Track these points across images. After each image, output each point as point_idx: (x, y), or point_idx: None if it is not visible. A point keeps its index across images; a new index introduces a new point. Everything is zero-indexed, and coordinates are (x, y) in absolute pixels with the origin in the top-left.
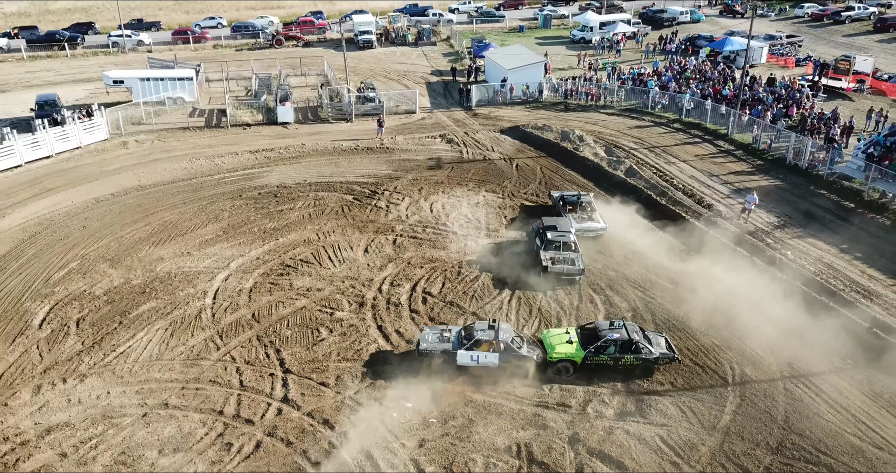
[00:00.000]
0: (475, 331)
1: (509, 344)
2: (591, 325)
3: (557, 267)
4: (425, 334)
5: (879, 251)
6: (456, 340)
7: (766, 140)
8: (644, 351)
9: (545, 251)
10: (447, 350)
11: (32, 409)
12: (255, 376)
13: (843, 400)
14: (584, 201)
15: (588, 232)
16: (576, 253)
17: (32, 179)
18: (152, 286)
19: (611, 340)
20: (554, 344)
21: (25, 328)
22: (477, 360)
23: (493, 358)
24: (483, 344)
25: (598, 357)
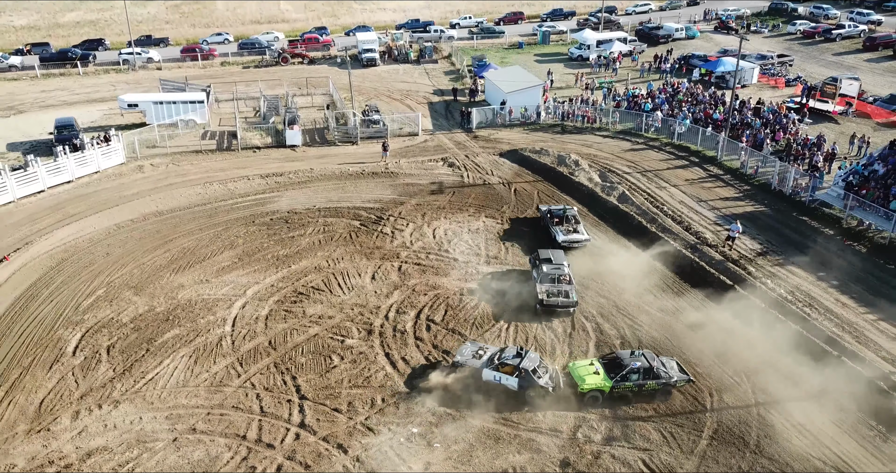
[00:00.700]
0: (504, 355)
1: (530, 372)
2: (612, 355)
3: (552, 300)
4: (463, 348)
5: (854, 278)
6: (487, 360)
7: (753, 165)
8: (664, 377)
9: (541, 284)
10: (476, 366)
11: (73, 434)
12: (273, 402)
13: (811, 426)
14: (569, 214)
15: (574, 242)
16: (570, 286)
17: (55, 204)
18: (175, 313)
19: (634, 368)
20: (583, 376)
21: (60, 355)
22: (499, 380)
23: (513, 381)
24: (507, 367)
25: (624, 384)
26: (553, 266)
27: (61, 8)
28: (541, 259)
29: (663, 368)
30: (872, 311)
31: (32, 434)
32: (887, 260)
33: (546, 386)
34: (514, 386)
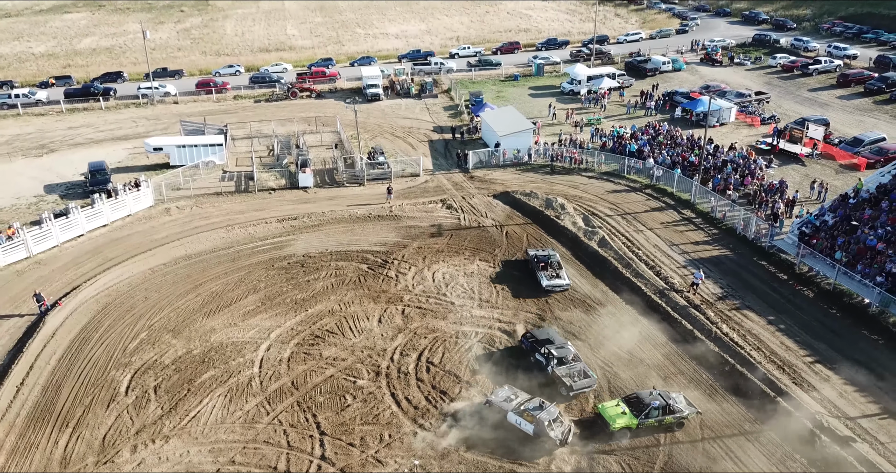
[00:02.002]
0: (526, 404)
1: (544, 423)
2: (633, 395)
3: (579, 384)
4: (498, 392)
5: (800, 323)
6: (516, 406)
7: (722, 210)
8: (678, 412)
9: (559, 367)
10: (505, 409)
11: (133, 465)
12: (298, 437)
13: (746, 459)
14: (553, 260)
15: (556, 287)
16: (581, 363)
17: (94, 249)
18: (209, 355)
19: (655, 406)
20: (613, 417)
21: (115, 395)
22: (519, 424)
23: (529, 427)
24: (526, 415)
25: (647, 421)
26: (559, 347)
27: (76, 33)
28: (539, 339)
29: (676, 403)
30: (809, 354)
31: (100, 465)
32: (830, 306)
33: (553, 437)
34: (529, 431)
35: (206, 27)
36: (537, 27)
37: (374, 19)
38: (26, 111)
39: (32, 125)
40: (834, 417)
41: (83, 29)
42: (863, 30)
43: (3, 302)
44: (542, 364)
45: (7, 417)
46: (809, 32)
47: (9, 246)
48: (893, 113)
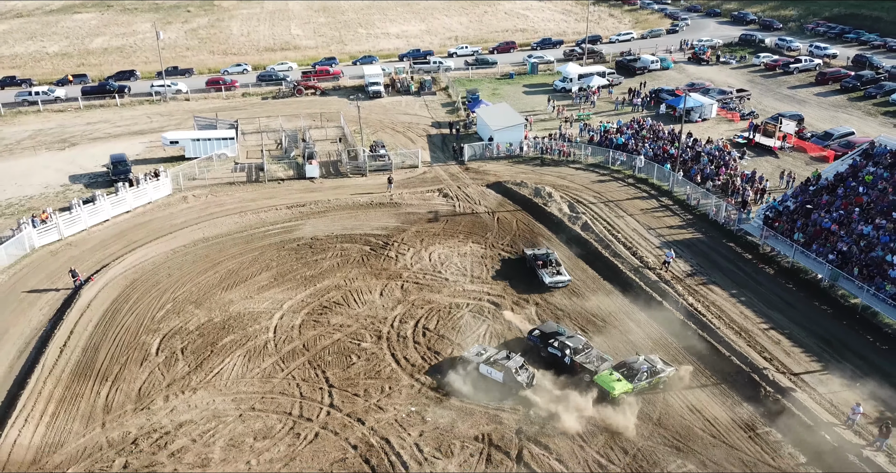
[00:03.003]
0: (495, 357)
1: (511, 370)
2: (622, 364)
3: (602, 367)
4: (471, 349)
5: (760, 296)
6: (486, 358)
7: (696, 197)
8: (661, 372)
9: (577, 357)
10: (477, 361)
11: (166, 411)
12: (309, 389)
13: (701, 406)
14: (552, 258)
15: (559, 283)
16: (594, 349)
17: (119, 232)
18: (229, 323)
19: (644, 370)
20: (612, 385)
21: (147, 355)
22: (490, 374)
23: (499, 375)
24: (496, 365)
25: (640, 384)
26: (570, 337)
27: (87, 33)
28: (547, 334)
29: (659, 367)
30: (764, 321)
31: (137, 411)
32: (787, 281)
33: (521, 381)
34: (499, 378)
35: (212, 27)
36: (533, 27)
37: (376, 20)
38: (46, 108)
39: (53, 121)
40: (780, 373)
41: (94, 29)
42: (845, 30)
43: (41, 278)
44: (558, 356)
45: (54, 372)
46: (795, 32)
47: (43, 229)
48: (866, 109)
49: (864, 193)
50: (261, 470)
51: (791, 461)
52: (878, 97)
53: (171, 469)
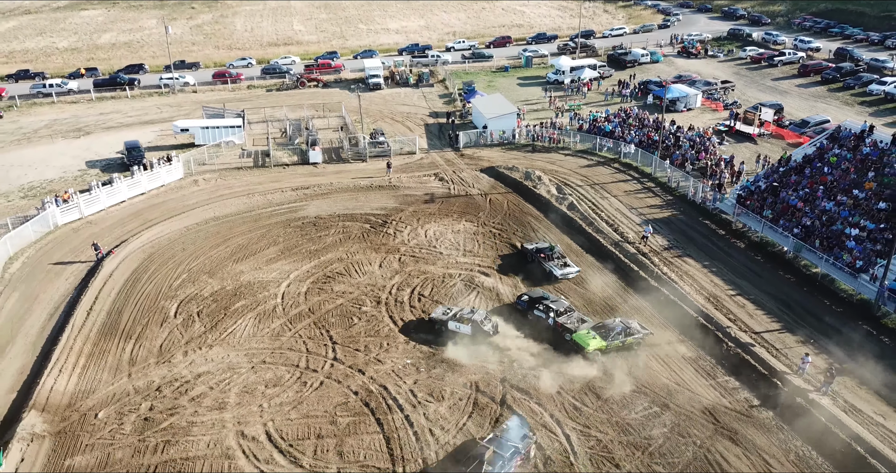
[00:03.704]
0: (460, 312)
1: (478, 322)
2: (600, 324)
3: (582, 328)
4: (436, 310)
5: (730, 266)
6: (451, 316)
7: (677, 180)
8: (636, 333)
9: (560, 318)
10: (445, 320)
11: (186, 364)
12: (315, 345)
13: (670, 360)
14: (556, 251)
15: (569, 275)
16: (576, 312)
17: (136, 212)
18: (240, 290)
19: (618, 331)
20: (587, 341)
21: (166, 317)
22: (458, 328)
23: (467, 328)
24: (463, 320)
25: (613, 343)
26: (552, 301)
27: (95, 29)
28: (534, 298)
29: (633, 328)
30: (732, 288)
31: (160, 364)
32: (756, 254)
33: (487, 331)
34: (468, 331)
35: (216, 23)
36: (529, 23)
37: (376, 16)
38: (60, 99)
39: (67, 111)
40: (742, 331)
41: (101, 25)
42: (830, 25)
43: (65, 252)
44: (542, 318)
45: (83, 332)
46: (782, 27)
47: (65, 208)
48: (844, 99)
49: (828, 173)
50: (272, 411)
51: (746, 403)
52: (857, 88)
53: (191, 410)
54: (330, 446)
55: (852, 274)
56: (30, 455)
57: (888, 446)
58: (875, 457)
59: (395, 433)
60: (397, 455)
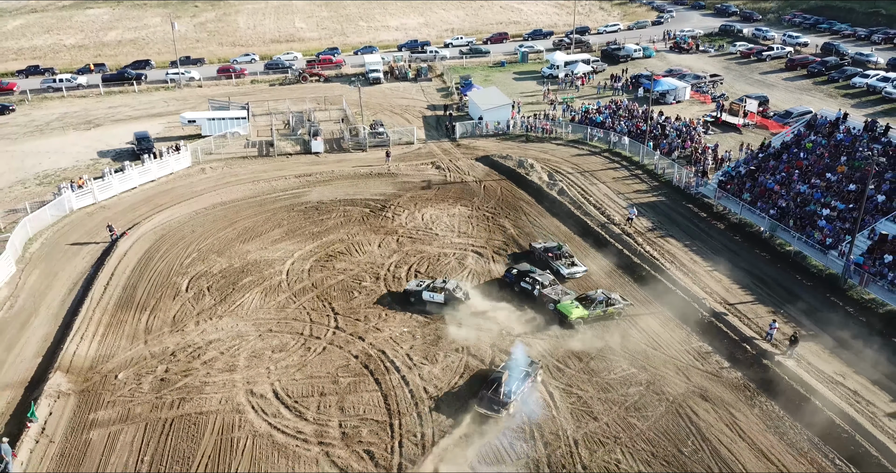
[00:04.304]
0: (433, 283)
1: (451, 290)
2: (583, 295)
3: (564, 299)
4: (410, 283)
5: (709, 245)
6: (425, 286)
7: (662, 167)
8: (616, 304)
9: (544, 290)
10: (419, 291)
11: (198, 332)
12: (318, 316)
13: (648, 329)
14: (564, 250)
15: (576, 274)
16: (560, 285)
17: (146, 198)
18: (247, 268)
19: (599, 301)
20: (570, 310)
21: (178, 292)
22: (432, 298)
23: (440, 297)
24: (437, 289)
25: (595, 312)
26: (539, 275)
27: (101, 27)
28: (522, 272)
29: (614, 299)
30: (710, 265)
31: (173, 332)
32: (734, 234)
33: (460, 297)
34: (441, 299)
35: (219, 21)
36: (526, 20)
37: (377, 13)
38: (69, 94)
39: (77, 105)
40: (717, 302)
41: (107, 23)
42: (819, 21)
43: (81, 233)
44: (529, 289)
45: (101, 304)
46: (773, 23)
47: (80, 194)
48: (828, 91)
49: (804, 158)
50: (278, 373)
51: (717, 365)
52: (841, 81)
53: (204, 372)
54: (332, 402)
55: (822, 250)
56: (57, 409)
57: (843, 400)
58: (831, 410)
59: (393, 391)
60: (394, 409)
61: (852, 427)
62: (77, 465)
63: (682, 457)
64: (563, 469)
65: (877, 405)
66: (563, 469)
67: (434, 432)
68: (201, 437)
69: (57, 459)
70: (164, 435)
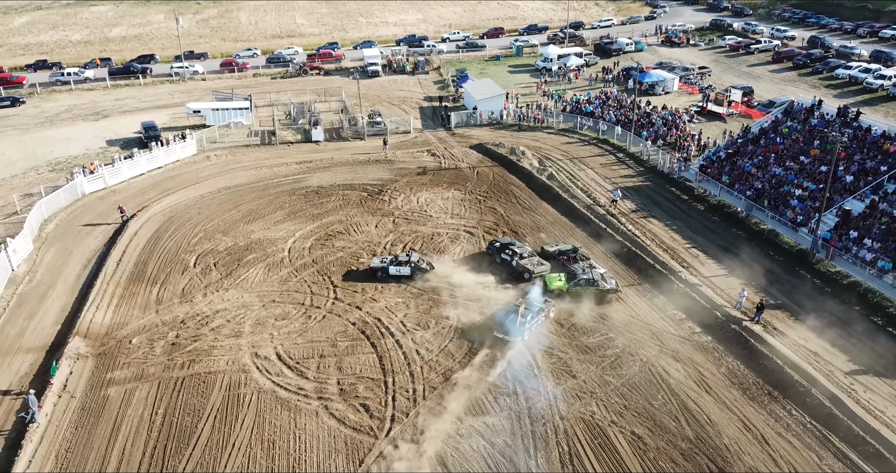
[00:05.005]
0: (398, 257)
1: (416, 263)
2: (572, 271)
3: (539, 269)
4: (374, 261)
5: (689, 225)
6: (389, 262)
7: (648, 153)
8: (600, 286)
9: (521, 260)
10: (385, 266)
11: (205, 303)
12: (318, 288)
13: (628, 299)
14: (581, 253)
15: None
16: (536, 257)
17: (154, 183)
18: (251, 246)
19: (583, 278)
20: (552, 281)
21: (187, 267)
22: (399, 271)
23: (407, 270)
24: (402, 263)
25: (575, 288)
26: (518, 247)
27: (106, 23)
28: (503, 244)
29: (602, 280)
30: (689, 242)
31: (183, 303)
32: (713, 214)
33: (425, 268)
34: (407, 272)
35: (222, 17)
36: (523, 16)
37: (376, 10)
38: (77, 87)
39: (85, 98)
40: (692, 275)
41: (111, 19)
42: (808, 15)
43: (93, 215)
44: (508, 261)
45: (114, 278)
46: (763, 18)
47: (92, 179)
48: (812, 82)
49: (780, 143)
50: (281, 338)
51: (689, 331)
52: (825, 72)
53: (212, 337)
54: (331, 363)
55: (794, 228)
56: (77, 369)
57: (804, 360)
58: (792, 368)
59: (387, 353)
60: (388, 368)
61: (809, 383)
62: (97, 417)
63: (651, 409)
64: (542, 419)
65: (834, 364)
66: (542, 419)
67: (425, 388)
68: (210, 393)
69: (78, 411)
70: (176, 392)
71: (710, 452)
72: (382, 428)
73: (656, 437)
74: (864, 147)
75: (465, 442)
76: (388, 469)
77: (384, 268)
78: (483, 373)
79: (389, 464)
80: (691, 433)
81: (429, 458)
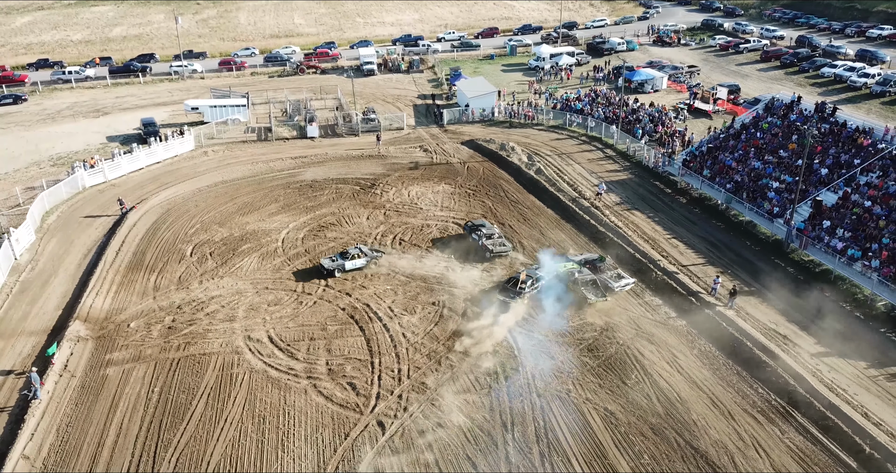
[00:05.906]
0: (348, 251)
1: (368, 254)
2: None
3: (497, 249)
4: (324, 261)
5: (670, 217)
6: (338, 258)
7: (634, 149)
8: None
9: (486, 240)
10: (342, 263)
11: (201, 290)
12: (310, 276)
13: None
14: (607, 263)
15: (626, 287)
16: (502, 238)
17: (153, 177)
18: (246, 237)
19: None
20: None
21: (183, 256)
22: (355, 265)
23: (361, 262)
24: (356, 257)
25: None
26: (486, 229)
27: (106, 23)
28: (475, 225)
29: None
30: (669, 233)
31: (179, 290)
32: (694, 207)
33: (376, 257)
34: (363, 264)
35: (221, 18)
36: (518, 16)
37: (373, 10)
38: (78, 85)
39: (86, 95)
40: (671, 265)
41: (112, 19)
42: (797, 15)
43: (93, 207)
44: (476, 240)
45: (114, 266)
46: (754, 18)
47: (92, 173)
48: (798, 81)
49: (760, 138)
50: (273, 322)
51: (665, 316)
52: (811, 71)
53: (207, 322)
54: (320, 345)
55: (770, 219)
56: (77, 351)
57: (772, 341)
58: (762, 351)
59: (375, 336)
60: (375, 350)
61: (775, 363)
62: (96, 394)
63: (625, 387)
64: (520, 396)
65: (802, 346)
66: (520, 396)
67: (409, 368)
68: (204, 373)
69: (78, 389)
70: (172, 371)
71: (678, 426)
72: (368, 405)
73: (628, 413)
74: (840, 141)
75: (447, 416)
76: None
77: (341, 266)
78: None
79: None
80: (661, 409)
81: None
